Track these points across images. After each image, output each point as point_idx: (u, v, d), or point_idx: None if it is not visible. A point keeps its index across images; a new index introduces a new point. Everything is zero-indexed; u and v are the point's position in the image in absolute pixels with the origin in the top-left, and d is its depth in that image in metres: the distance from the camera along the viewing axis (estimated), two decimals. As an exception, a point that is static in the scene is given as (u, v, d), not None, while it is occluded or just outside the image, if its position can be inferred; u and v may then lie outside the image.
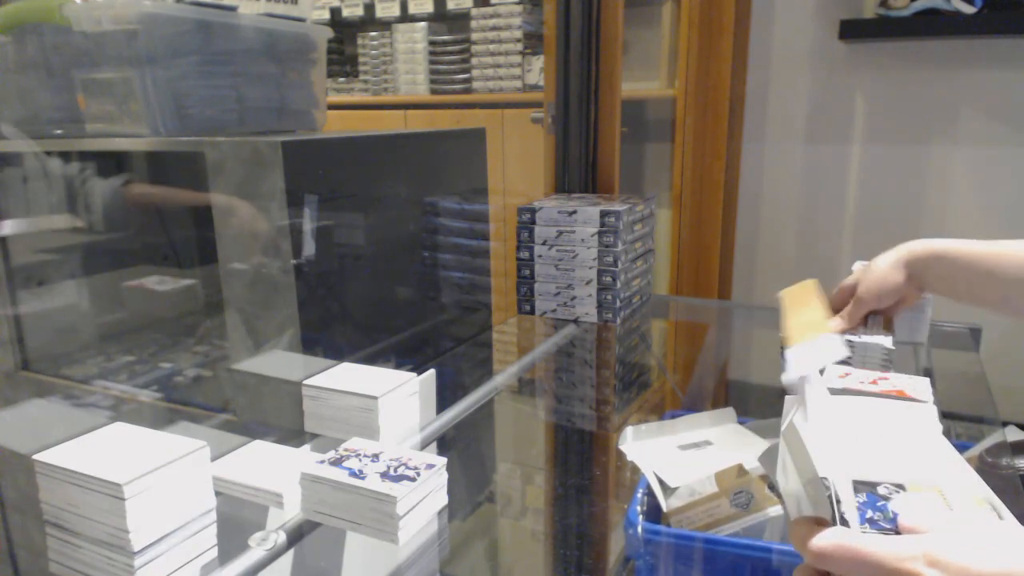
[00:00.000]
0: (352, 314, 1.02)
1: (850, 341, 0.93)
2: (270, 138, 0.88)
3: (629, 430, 0.70)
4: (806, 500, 0.44)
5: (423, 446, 0.82)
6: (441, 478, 0.65)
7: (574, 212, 1.23)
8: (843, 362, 0.94)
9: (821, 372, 0.58)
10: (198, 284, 1.19)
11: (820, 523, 0.41)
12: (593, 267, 1.24)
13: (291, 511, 0.64)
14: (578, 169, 1.48)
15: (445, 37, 2.52)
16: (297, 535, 0.64)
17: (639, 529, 0.59)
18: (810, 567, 0.41)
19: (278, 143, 0.86)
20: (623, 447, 0.69)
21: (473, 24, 2.41)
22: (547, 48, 1.48)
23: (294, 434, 0.80)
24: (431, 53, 2.53)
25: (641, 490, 0.65)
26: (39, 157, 1.10)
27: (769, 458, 0.66)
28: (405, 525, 0.60)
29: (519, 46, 2.35)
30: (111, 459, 0.56)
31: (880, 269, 0.88)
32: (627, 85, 1.89)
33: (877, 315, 0.95)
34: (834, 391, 0.54)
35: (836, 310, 0.97)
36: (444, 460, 0.65)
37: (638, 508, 0.62)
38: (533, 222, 1.26)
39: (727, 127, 1.90)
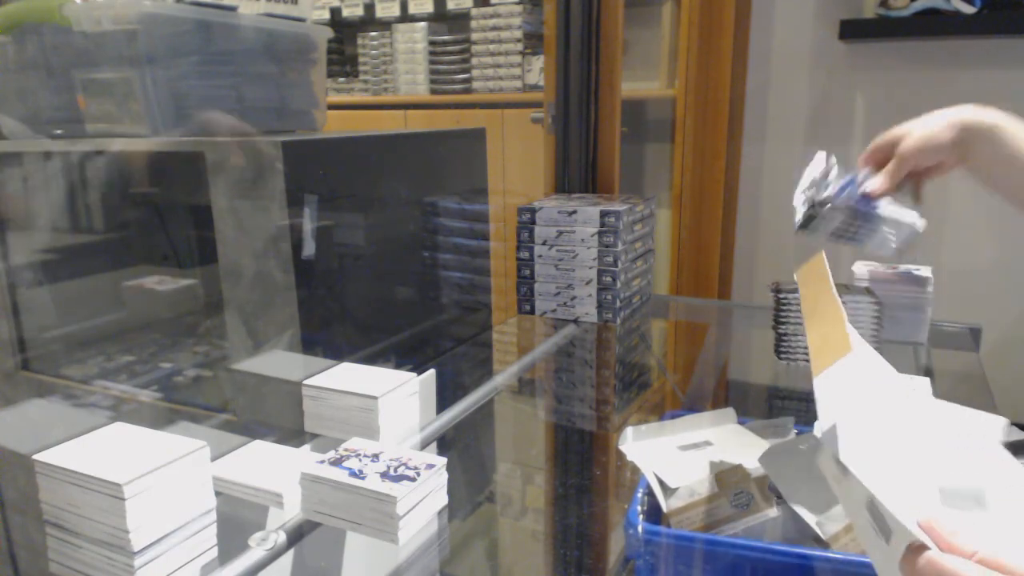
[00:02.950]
0: (352, 314, 1.02)
1: (880, 216, 0.89)
2: (270, 138, 0.88)
3: (629, 430, 0.70)
4: (871, 524, 0.43)
5: (423, 446, 0.82)
6: (441, 478, 0.65)
7: (574, 212, 1.23)
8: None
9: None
10: (198, 284, 1.19)
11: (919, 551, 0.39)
12: (593, 267, 1.24)
13: (291, 511, 0.64)
14: (578, 169, 1.48)
15: (445, 37, 2.52)
16: (297, 535, 0.64)
17: (639, 529, 0.59)
18: None
19: (278, 143, 0.86)
20: (623, 447, 0.69)
21: (473, 24, 2.41)
22: (547, 48, 1.48)
23: (294, 434, 0.80)
24: (431, 53, 2.53)
25: (641, 490, 0.65)
26: (38, 156, 1.10)
27: (769, 458, 0.66)
28: (405, 525, 0.60)
29: (519, 46, 2.35)
30: (111, 459, 0.56)
31: (931, 125, 0.83)
32: (627, 85, 1.89)
33: (908, 179, 0.91)
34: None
35: (879, 166, 0.91)
36: (444, 460, 0.65)
37: (638, 508, 0.62)
38: (533, 222, 1.26)
39: (727, 127, 1.90)
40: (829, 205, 0.90)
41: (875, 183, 0.89)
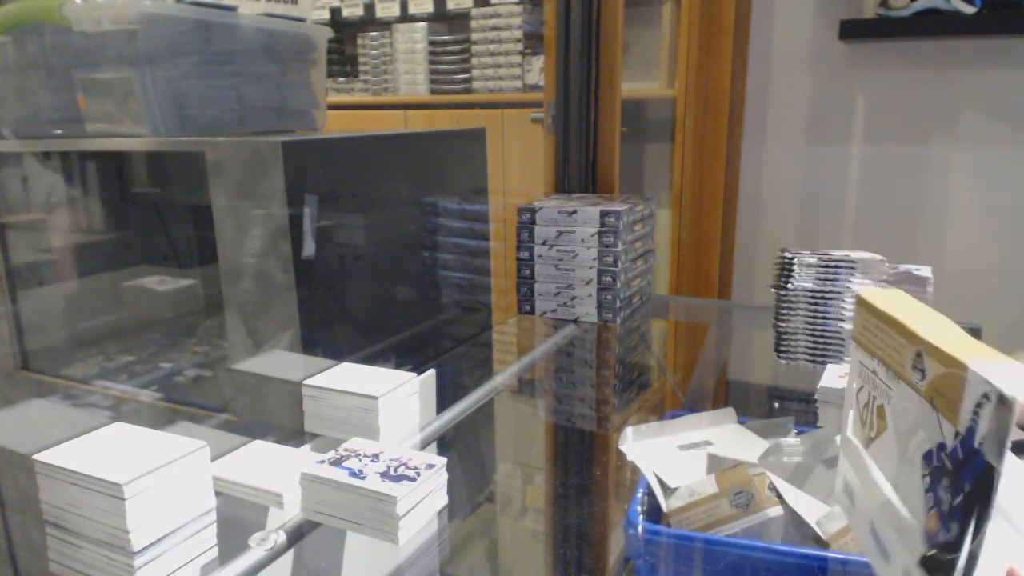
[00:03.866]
0: (352, 314, 1.02)
1: None
2: (270, 138, 0.88)
3: (629, 430, 0.70)
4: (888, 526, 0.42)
5: (423, 446, 0.82)
6: (441, 478, 0.65)
7: (574, 212, 1.23)
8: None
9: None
10: (198, 284, 1.19)
11: None
12: (593, 267, 1.24)
13: (291, 511, 0.64)
14: (578, 169, 1.48)
15: (445, 37, 2.52)
16: (297, 535, 0.64)
17: (639, 529, 0.59)
18: None
19: (278, 143, 0.86)
20: (623, 447, 0.69)
21: (473, 24, 2.41)
22: (547, 48, 1.47)
23: (294, 434, 0.80)
24: (431, 53, 2.53)
25: (641, 490, 0.65)
26: (38, 156, 1.10)
27: (769, 458, 0.66)
28: (405, 525, 0.60)
29: (519, 46, 2.35)
30: (111, 459, 0.56)
31: None
32: (627, 85, 1.89)
33: None
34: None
35: None
36: (444, 460, 0.65)
37: (638, 508, 0.62)
38: (533, 222, 1.26)
39: (727, 127, 1.90)
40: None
41: None
